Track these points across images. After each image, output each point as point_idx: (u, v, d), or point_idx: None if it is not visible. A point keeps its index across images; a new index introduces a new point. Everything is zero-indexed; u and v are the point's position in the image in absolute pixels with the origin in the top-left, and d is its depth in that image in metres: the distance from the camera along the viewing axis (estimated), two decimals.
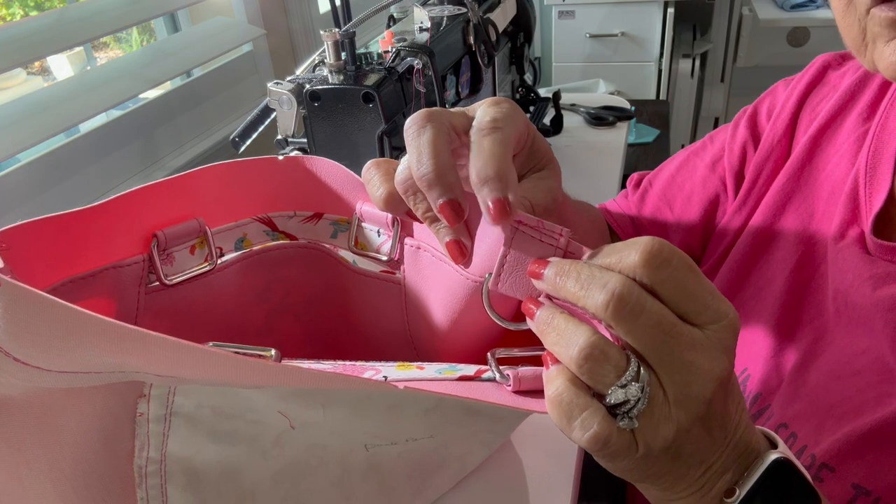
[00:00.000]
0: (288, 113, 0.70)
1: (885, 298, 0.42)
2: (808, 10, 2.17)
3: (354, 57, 0.69)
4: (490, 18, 0.87)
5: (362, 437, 0.40)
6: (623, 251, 0.29)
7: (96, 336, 0.23)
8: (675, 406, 0.28)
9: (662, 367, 0.28)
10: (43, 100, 0.80)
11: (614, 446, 0.28)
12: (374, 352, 0.54)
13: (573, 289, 0.29)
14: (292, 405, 0.36)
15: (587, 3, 2.17)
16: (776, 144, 0.55)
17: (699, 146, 0.63)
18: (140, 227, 0.42)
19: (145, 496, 0.35)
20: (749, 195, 0.55)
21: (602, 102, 1.25)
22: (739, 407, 0.31)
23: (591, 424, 0.28)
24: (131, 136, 0.94)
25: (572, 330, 0.29)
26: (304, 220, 0.50)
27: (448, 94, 0.80)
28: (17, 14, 1.50)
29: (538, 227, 0.32)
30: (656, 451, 0.29)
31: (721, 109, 2.51)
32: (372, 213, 0.48)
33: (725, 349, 0.28)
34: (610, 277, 0.28)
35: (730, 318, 0.29)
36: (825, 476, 0.39)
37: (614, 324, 0.28)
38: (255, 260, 0.50)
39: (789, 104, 0.55)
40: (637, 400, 0.28)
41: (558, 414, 0.29)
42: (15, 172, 0.77)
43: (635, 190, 0.65)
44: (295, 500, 0.40)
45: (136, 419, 0.34)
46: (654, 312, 0.27)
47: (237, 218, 0.48)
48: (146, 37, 1.60)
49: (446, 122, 0.34)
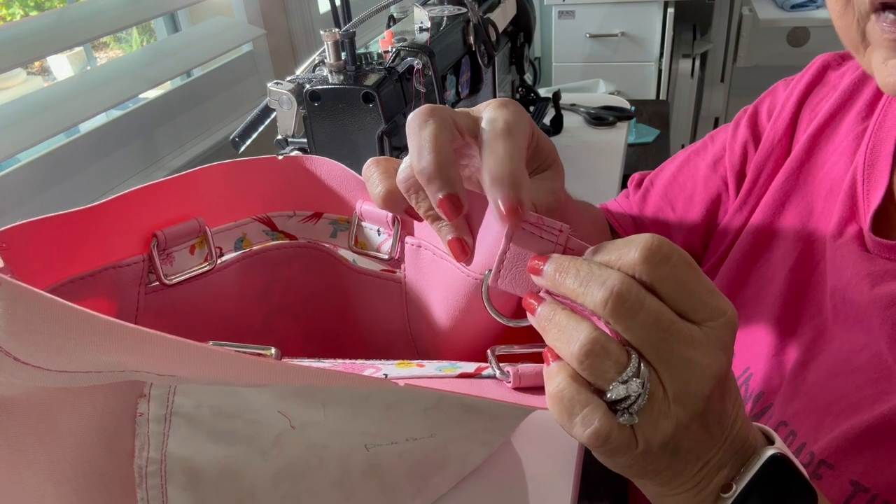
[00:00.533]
0: (288, 113, 0.70)
1: (883, 296, 0.42)
2: (808, 10, 2.17)
3: (354, 57, 0.69)
4: (490, 18, 0.87)
5: (362, 437, 0.40)
6: (623, 248, 0.29)
7: (97, 335, 0.23)
8: (675, 402, 0.28)
9: (661, 364, 0.28)
10: (43, 100, 0.80)
11: (615, 442, 0.28)
12: (375, 351, 0.54)
13: (572, 285, 0.29)
14: (292, 404, 0.36)
15: (587, 3, 2.17)
16: (776, 144, 0.55)
17: (700, 146, 0.63)
18: (139, 227, 0.42)
19: (145, 496, 0.35)
20: (750, 194, 0.55)
21: (602, 102, 1.25)
22: (736, 403, 0.31)
23: (591, 420, 0.28)
24: (131, 136, 0.94)
25: (573, 326, 0.29)
26: (304, 219, 0.50)
27: (448, 94, 0.80)
28: (17, 14, 1.50)
29: (538, 224, 0.32)
30: (655, 447, 0.29)
31: (721, 109, 2.51)
32: (372, 212, 0.48)
33: (723, 346, 0.29)
34: (609, 275, 0.28)
35: (728, 316, 0.29)
36: (824, 473, 0.39)
37: (613, 321, 0.28)
38: (255, 260, 0.50)
39: (789, 104, 0.56)
40: (638, 396, 0.28)
41: (559, 410, 0.29)
42: (15, 172, 0.77)
43: (637, 190, 0.65)
44: (295, 500, 0.40)
45: (137, 419, 0.34)
46: (653, 310, 0.28)
47: (237, 218, 0.48)
48: (146, 37, 1.60)
49: (449, 118, 0.33)
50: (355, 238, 0.50)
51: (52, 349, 0.23)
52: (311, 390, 0.36)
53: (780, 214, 0.52)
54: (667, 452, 0.29)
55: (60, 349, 0.24)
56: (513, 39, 1.02)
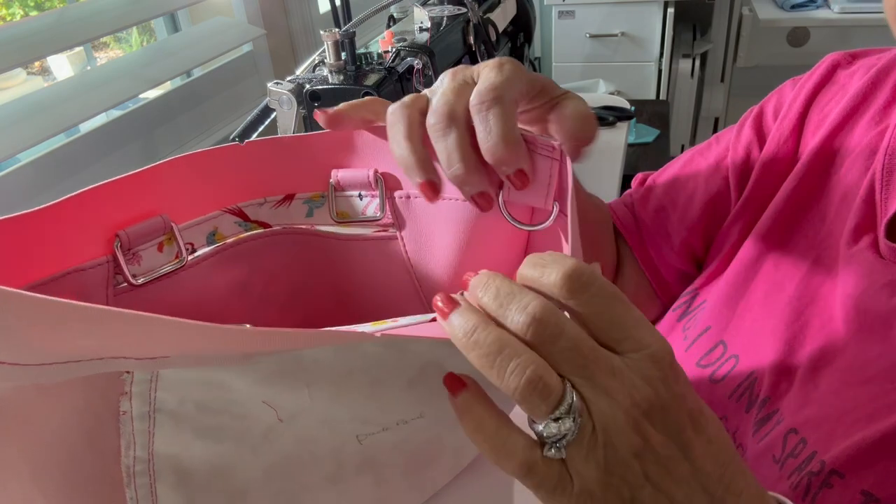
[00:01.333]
0: (288, 113, 0.70)
1: None
2: (808, 10, 2.17)
3: (354, 57, 0.69)
4: (490, 18, 0.87)
5: (352, 426, 0.40)
6: (547, 266, 0.29)
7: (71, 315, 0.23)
8: (603, 433, 0.27)
9: (587, 392, 0.27)
10: (43, 100, 0.80)
11: (541, 475, 0.27)
12: (383, 316, 0.53)
13: (492, 305, 0.29)
14: (275, 389, 0.36)
15: (587, 3, 2.17)
16: (782, 145, 0.54)
17: (704, 146, 0.62)
18: (100, 226, 0.40)
19: (135, 496, 0.35)
20: (753, 196, 0.55)
21: (602, 102, 1.25)
22: (732, 469, 0.30)
23: (515, 449, 0.28)
24: (131, 136, 0.94)
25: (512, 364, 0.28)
26: (276, 204, 0.48)
27: None
28: (17, 14, 1.50)
29: (534, 142, 0.37)
30: (594, 485, 0.27)
31: (721, 109, 2.51)
32: (349, 177, 0.47)
33: (646, 378, 0.28)
34: (529, 299, 0.28)
35: (653, 350, 0.28)
36: (835, 482, 0.39)
37: (535, 347, 0.27)
38: (230, 253, 0.48)
39: (797, 104, 0.54)
40: (568, 431, 0.27)
41: (486, 445, 0.29)
42: (15, 172, 0.77)
43: (640, 188, 0.64)
44: (289, 497, 0.40)
45: (121, 418, 0.34)
46: (573, 337, 0.27)
47: (206, 211, 0.46)
48: (146, 37, 1.61)
49: (463, 122, 0.37)
50: (336, 210, 0.48)
51: (26, 345, 0.23)
52: (292, 370, 0.36)
53: (790, 219, 0.51)
54: (617, 499, 0.28)
55: (36, 342, 0.23)
56: (513, 39, 1.02)
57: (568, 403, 0.27)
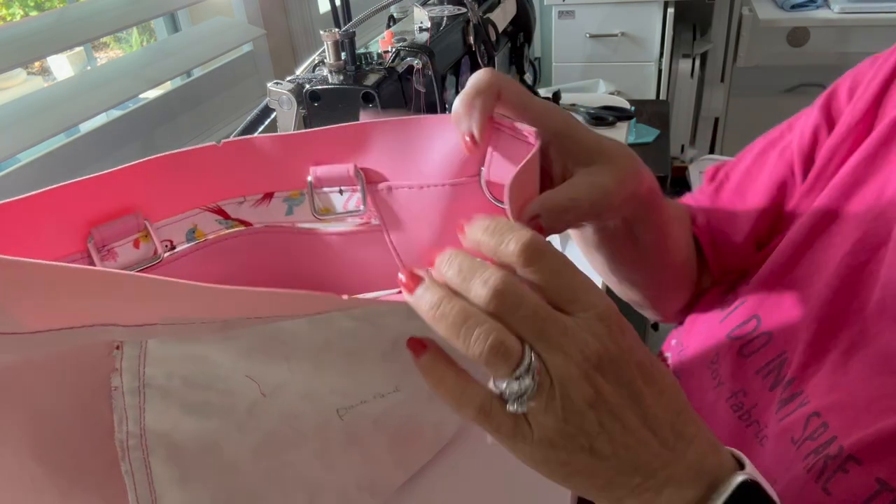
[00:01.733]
0: (288, 113, 0.70)
1: None
2: (808, 10, 2.17)
3: (354, 57, 0.69)
4: (490, 18, 0.87)
5: (331, 399, 0.41)
6: (506, 234, 0.31)
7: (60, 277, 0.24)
8: (560, 387, 0.30)
9: (544, 352, 0.30)
10: (43, 100, 0.80)
11: (498, 420, 0.31)
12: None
13: (455, 280, 0.31)
14: (257, 362, 0.37)
15: (587, 3, 2.17)
16: (854, 126, 0.51)
17: (777, 134, 0.59)
18: (74, 221, 0.41)
19: (129, 469, 0.37)
20: (819, 179, 0.52)
21: (602, 102, 1.25)
22: (683, 418, 0.32)
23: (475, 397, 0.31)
24: (131, 136, 0.94)
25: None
26: (255, 203, 0.49)
27: (448, 94, 0.80)
28: (17, 14, 1.50)
29: (512, 128, 0.40)
30: (553, 433, 0.30)
31: (721, 109, 2.51)
32: (328, 173, 0.47)
33: (595, 335, 0.31)
34: (490, 274, 0.30)
35: (599, 309, 0.31)
36: (851, 468, 0.39)
37: (497, 316, 0.30)
38: (210, 251, 0.48)
39: (874, 83, 0.51)
40: (528, 388, 0.30)
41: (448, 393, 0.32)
42: (15, 172, 0.77)
43: (710, 183, 0.62)
44: (277, 474, 0.41)
45: (112, 393, 0.35)
46: (532, 303, 0.30)
47: (184, 209, 0.46)
48: (146, 37, 1.61)
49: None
50: (316, 207, 0.49)
51: (19, 308, 0.24)
52: (272, 344, 0.37)
53: (846, 199, 0.49)
54: (576, 447, 0.30)
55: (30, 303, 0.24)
56: (513, 39, 1.02)
57: (527, 363, 0.30)
